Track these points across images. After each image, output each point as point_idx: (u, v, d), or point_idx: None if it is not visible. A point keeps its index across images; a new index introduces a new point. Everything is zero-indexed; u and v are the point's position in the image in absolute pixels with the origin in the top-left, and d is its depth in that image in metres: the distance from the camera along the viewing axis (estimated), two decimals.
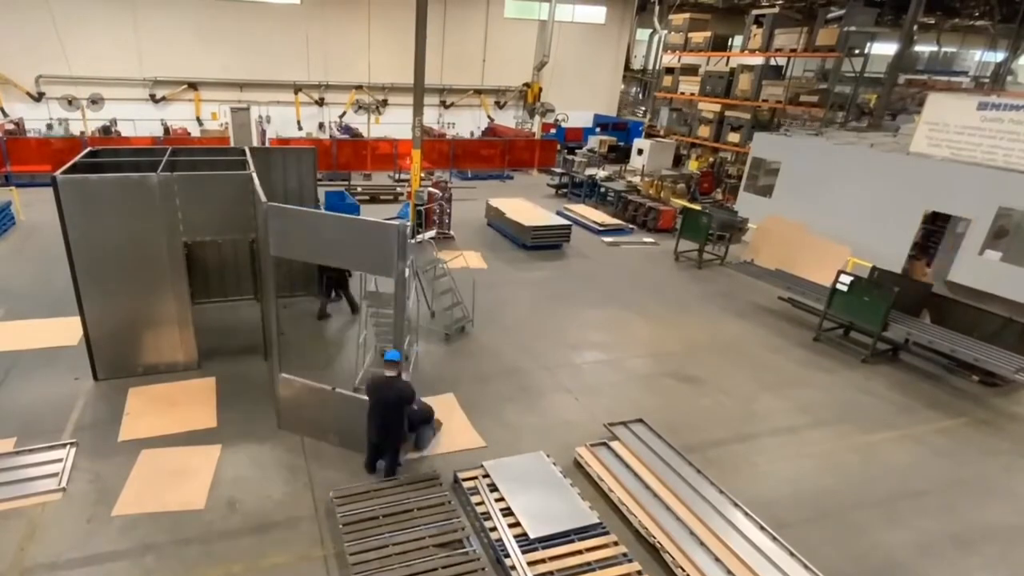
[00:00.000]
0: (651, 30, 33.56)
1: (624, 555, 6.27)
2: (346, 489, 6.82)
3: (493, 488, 7.03)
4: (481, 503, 6.83)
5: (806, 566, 6.18)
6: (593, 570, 6.07)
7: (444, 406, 8.57)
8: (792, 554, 6.31)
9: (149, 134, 22.46)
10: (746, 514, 6.85)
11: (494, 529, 6.47)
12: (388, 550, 6.06)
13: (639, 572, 6.11)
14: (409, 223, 11.51)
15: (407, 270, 6.54)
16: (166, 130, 23.07)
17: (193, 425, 8.05)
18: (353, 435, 7.60)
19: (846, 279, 11.16)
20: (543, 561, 6.11)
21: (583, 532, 6.50)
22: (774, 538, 6.51)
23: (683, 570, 6.12)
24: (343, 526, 6.31)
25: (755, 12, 23.67)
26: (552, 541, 6.35)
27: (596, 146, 27.29)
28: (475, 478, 7.17)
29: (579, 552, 6.25)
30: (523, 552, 6.16)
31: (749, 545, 6.42)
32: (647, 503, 6.98)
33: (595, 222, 18.23)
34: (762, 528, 6.64)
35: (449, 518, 6.54)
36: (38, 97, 22.48)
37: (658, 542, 6.45)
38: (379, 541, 6.16)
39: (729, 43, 26.57)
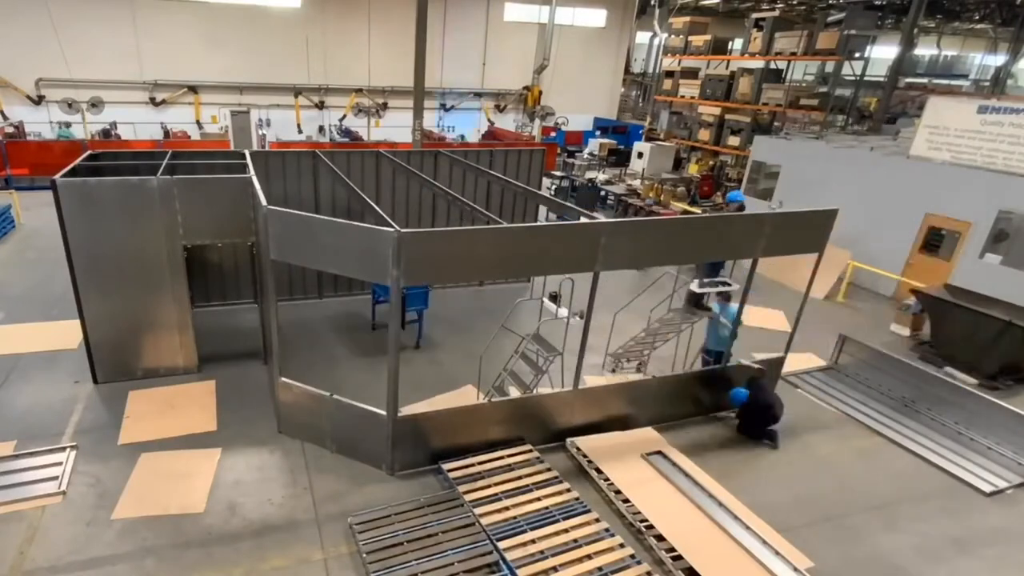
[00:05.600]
0: (651, 33, 33.62)
1: (606, 530, 6.54)
2: (365, 514, 6.58)
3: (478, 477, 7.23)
4: (468, 492, 6.94)
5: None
6: (580, 546, 6.28)
7: (453, 400, 8.53)
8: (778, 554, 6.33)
9: (149, 137, 22.50)
10: (743, 524, 6.88)
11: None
12: None
13: (621, 545, 6.35)
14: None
15: None
16: (166, 133, 23.08)
17: (193, 429, 8.05)
18: (350, 441, 7.61)
19: None
20: (533, 542, 6.27)
21: (567, 512, 6.76)
22: (765, 542, 6.53)
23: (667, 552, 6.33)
24: (366, 555, 6.01)
25: (755, 15, 23.71)
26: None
27: (596, 149, 27.31)
28: (459, 468, 7.31)
29: (564, 531, 6.45)
30: (510, 536, 6.34)
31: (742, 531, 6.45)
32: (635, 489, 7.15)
33: None
34: (748, 528, 6.67)
35: (476, 541, 6.28)
36: (38, 100, 22.51)
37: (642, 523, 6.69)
38: (408, 570, 5.86)
39: (729, 46, 26.56)
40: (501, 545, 6.16)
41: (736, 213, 10.51)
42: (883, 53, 31.69)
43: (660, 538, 6.51)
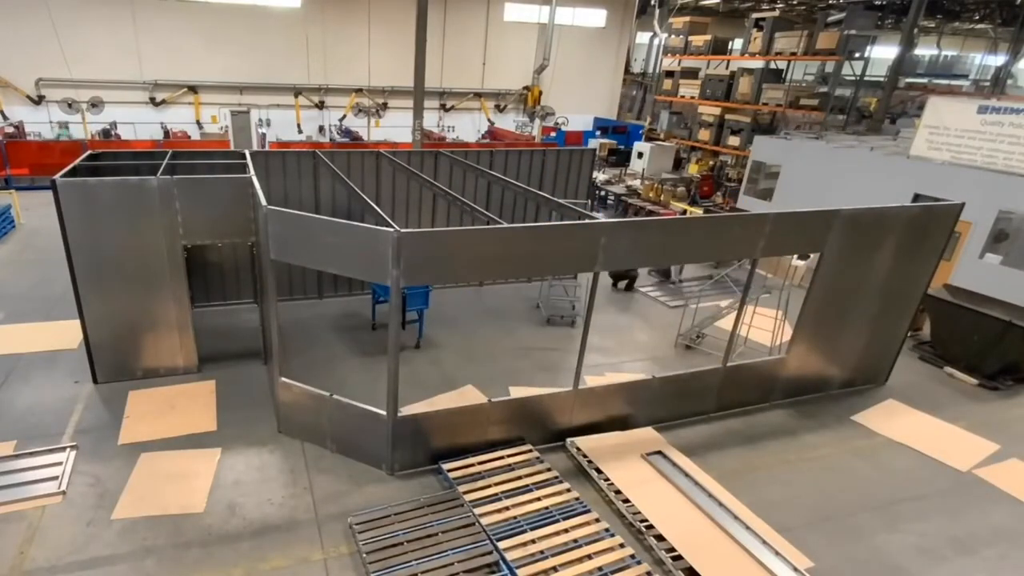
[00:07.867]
0: (651, 33, 33.60)
1: (606, 530, 6.55)
2: (365, 514, 6.58)
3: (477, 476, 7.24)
4: (468, 491, 6.95)
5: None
6: (580, 546, 6.29)
7: (453, 400, 8.54)
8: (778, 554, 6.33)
9: (149, 137, 22.51)
10: (743, 524, 6.88)
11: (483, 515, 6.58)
12: None
13: (621, 545, 6.37)
14: None
15: None
16: (166, 133, 23.09)
17: (193, 429, 8.05)
18: (350, 441, 7.61)
19: None
20: (533, 542, 6.29)
21: (567, 512, 6.78)
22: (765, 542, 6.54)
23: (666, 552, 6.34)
24: (366, 555, 6.02)
25: (755, 15, 23.71)
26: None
27: (596, 149, 27.30)
28: (459, 468, 7.32)
29: (564, 531, 6.47)
30: (510, 536, 6.35)
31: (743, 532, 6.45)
32: (635, 489, 7.15)
33: None
34: (751, 531, 6.67)
35: (476, 541, 6.30)
36: (38, 100, 22.51)
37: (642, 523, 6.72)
38: (408, 570, 5.87)
39: (729, 47, 26.55)
40: (501, 545, 6.17)
41: (736, 213, 10.57)
42: (883, 53, 31.65)
43: (660, 538, 6.52)
